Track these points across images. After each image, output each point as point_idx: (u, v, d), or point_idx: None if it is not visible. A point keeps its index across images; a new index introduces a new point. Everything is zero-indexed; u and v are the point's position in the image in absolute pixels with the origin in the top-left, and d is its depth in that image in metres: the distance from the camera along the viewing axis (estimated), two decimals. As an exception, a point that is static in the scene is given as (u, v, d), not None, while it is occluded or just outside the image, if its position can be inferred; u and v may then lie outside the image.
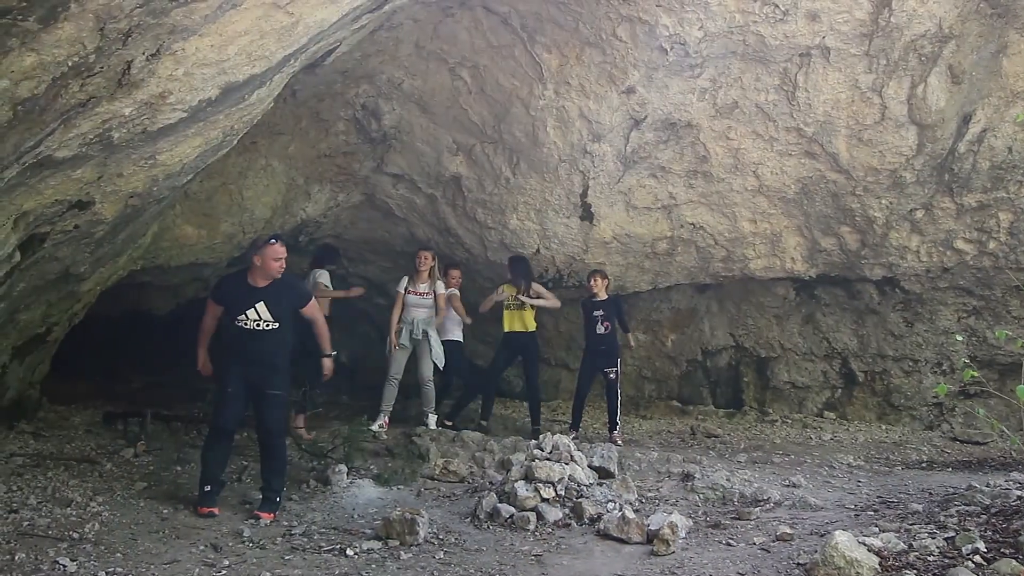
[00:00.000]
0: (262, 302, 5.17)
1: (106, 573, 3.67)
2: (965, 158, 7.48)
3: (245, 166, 7.78)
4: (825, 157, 7.72)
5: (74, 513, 4.60)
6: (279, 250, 5.17)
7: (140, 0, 3.30)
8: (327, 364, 5.64)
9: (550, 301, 8.26)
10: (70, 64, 3.36)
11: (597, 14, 6.92)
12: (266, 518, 4.86)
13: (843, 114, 7.39)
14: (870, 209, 7.98)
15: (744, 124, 7.66)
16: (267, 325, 5.17)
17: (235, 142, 5.46)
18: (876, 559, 3.68)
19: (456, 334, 8.40)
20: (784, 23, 6.82)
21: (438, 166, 8.54)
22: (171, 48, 3.81)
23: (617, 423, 7.76)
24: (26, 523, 4.32)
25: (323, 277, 7.83)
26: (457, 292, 8.41)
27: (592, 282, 8.01)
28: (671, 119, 7.66)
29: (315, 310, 5.54)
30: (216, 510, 4.90)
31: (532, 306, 8.13)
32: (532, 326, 8.20)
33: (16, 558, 3.76)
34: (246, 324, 5.13)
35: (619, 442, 7.40)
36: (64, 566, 3.69)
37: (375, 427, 7.39)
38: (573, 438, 6.78)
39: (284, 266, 5.23)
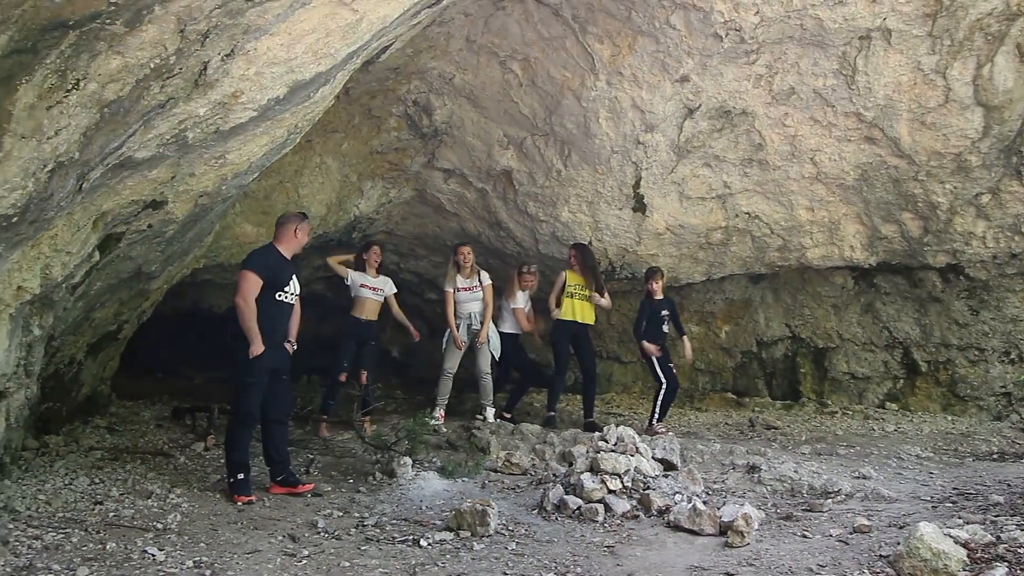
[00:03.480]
0: (294, 275, 5.32)
1: (193, 562, 3.76)
2: (1034, 139, 7.24)
3: (301, 164, 7.90)
4: (886, 142, 7.55)
5: (155, 504, 4.73)
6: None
7: (219, 1, 3.36)
8: (289, 348, 5.45)
9: (606, 301, 8.21)
10: (152, 66, 3.44)
11: (650, 2, 6.84)
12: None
13: (905, 97, 7.22)
14: (933, 194, 7.79)
15: (801, 110, 7.53)
16: (295, 299, 5.34)
17: (298, 140, 5.55)
18: (964, 551, 3.58)
19: (511, 327, 8.42)
20: (843, 5, 6.67)
21: (489, 160, 8.56)
22: (244, 48, 3.89)
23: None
24: (112, 514, 4.46)
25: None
26: (527, 302, 8.43)
27: (654, 283, 7.90)
28: (726, 107, 7.56)
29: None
30: (254, 497, 5.01)
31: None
32: (592, 319, 8.14)
33: (107, 547, 3.88)
34: (286, 298, 5.22)
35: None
36: (153, 555, 3.79)
37: (432, 421, 7.45)
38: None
39: None
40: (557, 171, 8.37)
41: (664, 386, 7.73)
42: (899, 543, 3.76)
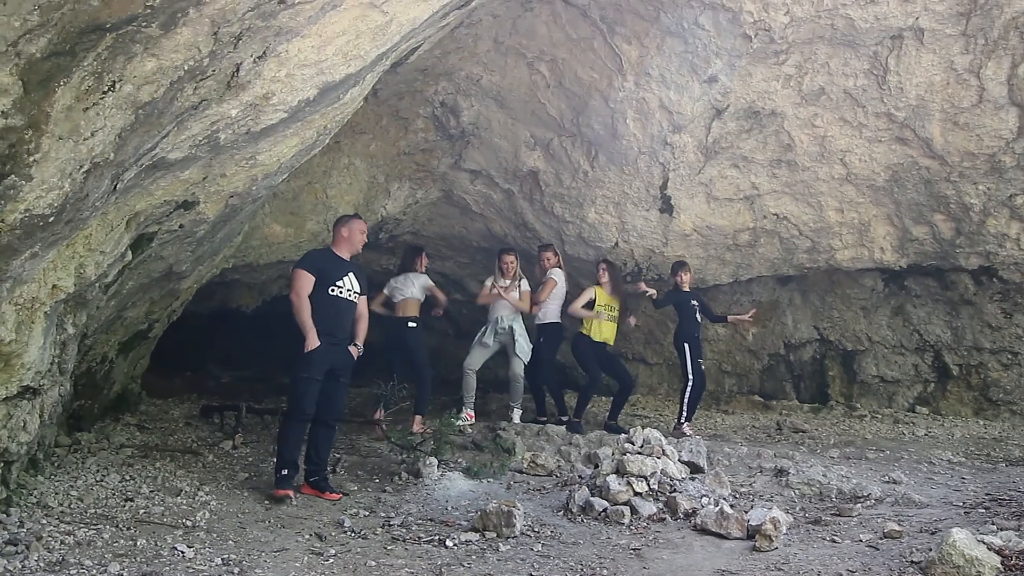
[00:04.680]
0: (351, 273, 5.44)
1: (222, 560, 3.80)
2: (1071, 140, 7.09)
3: (329, 165, 7.96)
4: (918, 143, 7.44)
5: (184, 502, 4.79)
6: (364, 225, 5.62)
7: (252, 4, 3.39)
8: (354, 352, 5.55)
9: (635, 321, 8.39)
10: (186, 68, 3.47)
11: (679, 2, 6.80)
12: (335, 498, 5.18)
13: (937, 97, 7.12)
14: (966, 196, 7.66)
15: (831, 111, 7.44)
16: (354, 296, 5.43)
17: (327, 141, 5.59)
18: (997, 558, 3.52)
19: (555, 316, 8.19)
20: (875, 4, 6.59)
21: (516, 161, 8.57)
22: (276, 50, 3.92)
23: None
24: (142, 511, 4.52)
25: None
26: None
27: (683, 275, 7.95)
28: (754, 107, 7.50)
29: (366, 301, 5.70)
30: (291, 493, 5.05)
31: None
32: (612, 340, 8.06)
33: (138, 544, 3.93)
34: (340, 293, 5.34)
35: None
36: (182, 552, 3.84)
37: (460, 421, 7.44)
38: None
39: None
40: (584, 172, 8.35)
41: (691, 383, 7.68)
42: (931, 549, 3.71)
